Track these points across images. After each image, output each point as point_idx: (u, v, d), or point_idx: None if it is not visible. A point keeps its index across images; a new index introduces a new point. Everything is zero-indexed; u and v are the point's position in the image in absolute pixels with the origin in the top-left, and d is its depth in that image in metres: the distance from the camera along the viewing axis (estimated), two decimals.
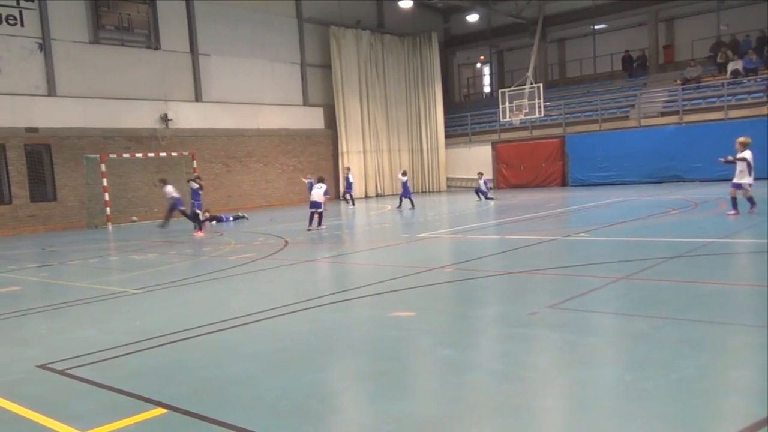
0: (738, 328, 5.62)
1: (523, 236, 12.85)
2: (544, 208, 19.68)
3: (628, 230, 12.85)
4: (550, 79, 36.68)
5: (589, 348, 5.35)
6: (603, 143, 29.35)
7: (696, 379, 4.38)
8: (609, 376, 4.61)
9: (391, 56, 35.27)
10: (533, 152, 32.09)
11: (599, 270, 8.62)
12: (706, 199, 18.55)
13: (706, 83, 29.15)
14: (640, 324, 5.93)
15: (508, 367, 4.97)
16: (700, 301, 6.68)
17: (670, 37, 34.51)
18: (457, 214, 20.51)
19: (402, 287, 8.19)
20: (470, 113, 36.14)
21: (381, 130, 34.75)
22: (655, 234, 12.10)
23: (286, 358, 5.54)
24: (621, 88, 32.65)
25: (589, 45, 37.15)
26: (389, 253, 11.99)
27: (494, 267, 9.69)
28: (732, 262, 8.87)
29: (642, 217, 14.97)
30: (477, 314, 6.85)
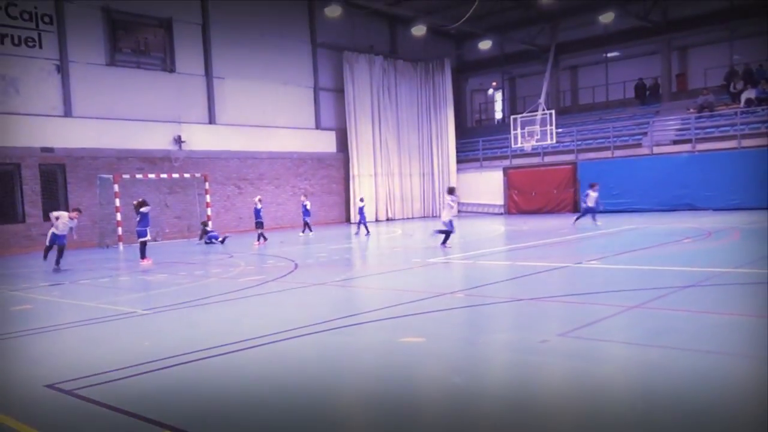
0: (751, 360, 5.54)
1: (533, 263, 12.78)
2: (555, 234, 19.60)
3: (639, 258, 12.76)
4: (562, 106, 36.75)
5: (601, 377, 5.29)
6: (615, 171, 29.27)
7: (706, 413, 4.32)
8: (619, 407, 4.55)
9: (404, 81, 35.51)
10: (544, 178, 32.07)
11: (610, 298, 8.55)
12: (719, 228, 18.41)
13: (719, 112, 29.10)
14: (652, 354, 5.87)
15: (518, 395, 4.92)
16: (712, 331, 6.60)
17: (683, 65, 34.56)
18: (467, 239, 20.45)
19: (412, 312, 8.14)
20: (482, 139, 36.23)
21: (392, 154, 34.87)
22: (667, 263, 12.00)
23: (292, 382, 5.51)
24: (633, 116, 32.64)
25: (601, 72, 37.28)
26: (399, 278, 11.95)
27: (505, 293, 9.63)
28: (746, 293, 8.76)
29: (654, 246, 14.87)
30: (487, 341, 6.79)
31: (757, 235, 16.25)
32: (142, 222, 16.41)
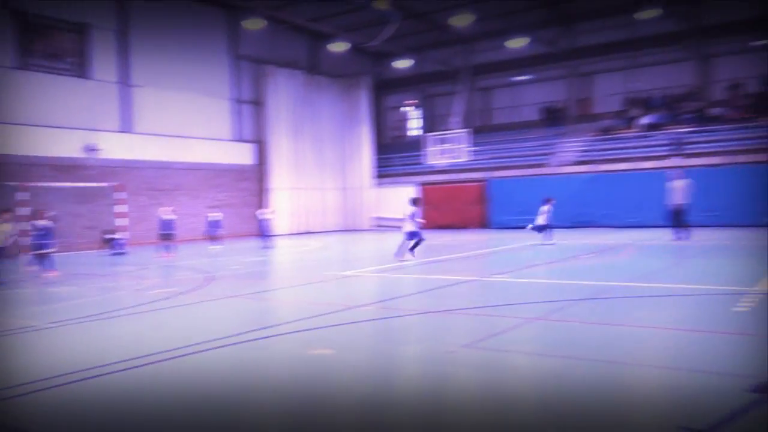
0: (645, 369, 5.87)
1: (444, 276, 13.04)
2: (465, 248, 20.05)
3: (542, 273, 13.24)
4: (475, 125, 37.67)
5: (503, 387, 5.47)
6: (522, 189, 30.21)
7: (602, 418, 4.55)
8: (521, 415, 4.72)
9: (324, 96, 35.59)
10: (457, 195, 32.77)
11: (514, 311, 8.84)
12: (616, 244, 19.31)
13: (618, 135, 30.58)
14: (551, 363, 6.12)
15: (423, 405, 5.03)
16: (606, 342, 6.93)
17: (587, 90, 36.12)
18: (381, 252, 20.63)
19: (323, 325, 8.17)
20: (398, 155, 36.72)
21: (311, 167, 34.81)
22: (567, 277, 12.50)
23: (199, 397, 5.43)
24: (541, 137, 33.84)
25: (512, 94, 38.53)
26: (312, 291, 11.94)
27: (415, 306, 9.80)
28: (636, 305, 9.24)
29: (556, 261, 15.44)
30: (395, 353, 6.90)
31: (649, 252, 17.13)
32: (46, 234, 15.62)
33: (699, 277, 11.67)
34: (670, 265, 13.68)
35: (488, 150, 33.70)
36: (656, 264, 14.04)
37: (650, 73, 33.35)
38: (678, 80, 32.03)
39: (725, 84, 30.53)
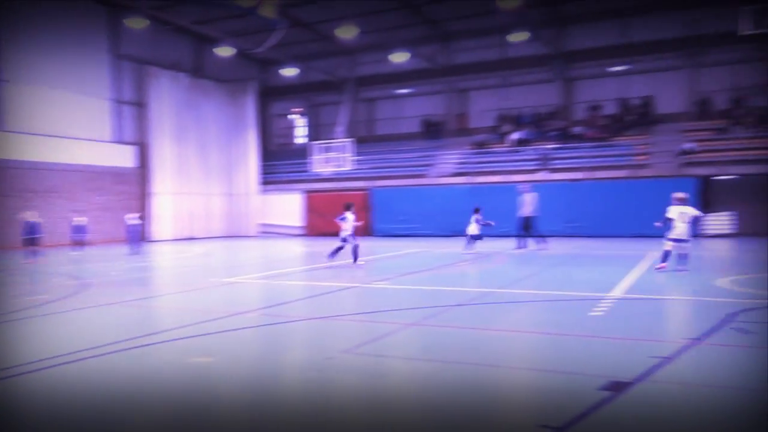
0: (510, 371, 6.18)
1: (327, 283, 13.09)
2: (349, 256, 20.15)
3: (420, 279, 13.58)
4: (359, 135, 38.05)
5: (379, 390, 5.58)
6: (403, 198, 30.87)
7: (473, 418, 4.76)
8: (396, 417, 4.85)
9: (208, 101, 34.74)
10: (341, 203, 32.80)
11: (392, 316, 9.02)
12: (489, 252, 20.11)
13: (492, 149, 31.92)
14: (425, 367, 6.32)
15: (300, 411, 5.05)
16: (477, 345, 7.22)
17: (464, 106, 37.44)
18: (266, 259, 20.42)
19: (203, 332, 7.99)
20: (284, 162, 36.48)
21: (195, 172, 33.85)
22: (443, 283, 12.90)
23: (74, 409, 5.18)
24: (421, 149, 34.71)
25: (395, 106, 39.29)
26: (194, 298, 11.64)
27: (297, 312, 9.78)
28: (506, 310, 9.70)
29: (434, 268, 15.89)
30: (275, 359, 6.87)
31: (518, 259, 17.98)
32: None
33: (562, 284, 12.37)
34: (537, 273, 14.42)
35: (371, 159, 34.17)
36: (525, 271, 14.76)
37: (521, 91, 35.13)
38: (545, 100, 33.90)
39: (586, 105, 32.62)
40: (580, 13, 31.86)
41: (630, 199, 26.44)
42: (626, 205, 26.53)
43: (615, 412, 4.83)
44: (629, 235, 25.86)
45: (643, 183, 26.66)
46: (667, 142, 28.44)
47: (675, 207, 13.73)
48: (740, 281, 11.96)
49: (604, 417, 4.73)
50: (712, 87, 30.55)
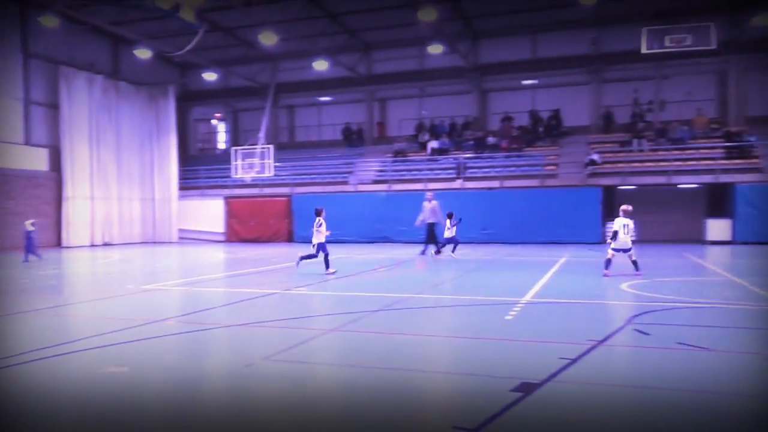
0: (426, 375, 6.28)
1: (247, 289, 12.92)
2: (269, 262, 19.99)
3: (341, 285, 13.60)
4: (280, 142, 37.75)
5: (298, 397, 5.56)
6: (325, 204, 30.57)
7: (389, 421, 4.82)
8: (318, 424, 4.86)
9: (126, 104, 33.58)
10: (262, 209, 32.53)
11: (313, 322, 9.01)
12: (408, 258, 20.35)
13: (411, 158, 32.34)
14: (344, 372, 6.34)
15: (218, 422, 4.98)
16: (397, 350, 7.31)
17: (383, 114, 37.78)
18: (186, 265, 19.93)
19: (119, 341, 7.73)
20: (204, 167, 35.69)
21: (112, 177, 32.61)
22: (363, 289, 12.96)
23: None
24: (342, 156, 34.76)
25: (315, 114, 39.22)
26: (111, 305, 11.22)
27: (217, 320, 9.60)
28: (426, 315, 9.85)
29: (354, 274, 15.94)
30: (192, 368, 6.72)
31: (436, 265, 18.29)
32: None
33: (478, 289, 12.66)
34: (454, 278, 14.70)
35: (293, 166, 33.95)
36: (442, 276, 15.03)
37: (438, 102, 35.83)
38: (462, 110, 34.67)
39: (500, 116, 33.54)
40: (493, 29, 32.80)
41: (541, 207, 27.38)
42: (537, 212, 27.45)
43: (524, 413, 5.00)
44: (541, 241, 26.76)
45: (553, 192, 27.68)
46: (574, 153, 29.62)
47: (620, 219, 14.48)
48: (641, 285, 12.59)
49: (514, 417, 4.89)
50: (615, 102, 32.04)
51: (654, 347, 7.20)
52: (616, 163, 28.18)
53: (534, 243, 26.66)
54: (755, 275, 14.00)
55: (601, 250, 22.66)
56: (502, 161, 29.92)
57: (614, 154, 28.89)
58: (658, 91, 31.23)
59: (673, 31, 24.34)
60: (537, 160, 29.67)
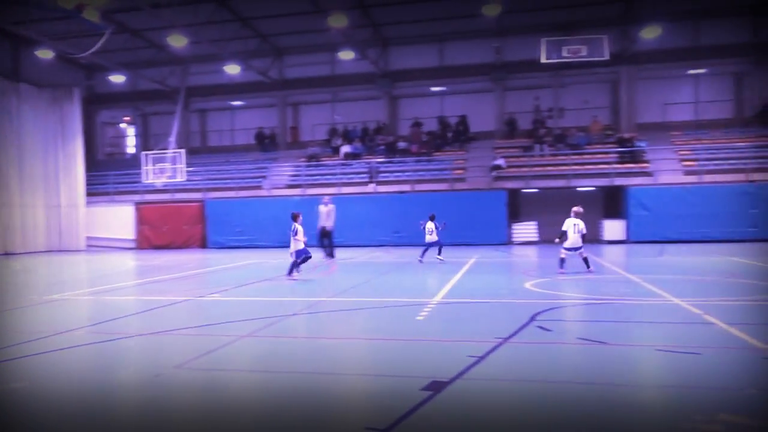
0: (340, 377, 6.28)
1: (159, 297, 12.51)
2: (182, 269, 19.43)
3: (255, 291, 13.40)
4: (192, 146, 36.80)
5: (210, 405, 5.44)
6: (239, 210, 30.21)
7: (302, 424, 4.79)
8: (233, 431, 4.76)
9: (27, 106, 31.71)
10: (175, 214, 31.53)
11: (226, 329, 8.82)
12: (323, 263, 20.27)
13: (324, 162, 32.26)
14: (258, 378, 6.25)
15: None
16: (311, 354, 7.28)
17: (296, 119, 37.53)
18: (94, 273, 19.07)
19: (20, 355, 7.31)
20: (113, 172, 34.25)
21: (13, 183, 30.75)
22: (277, 294, 12.83)
23: None
24: (255, 161, 34.25)
25: (228, 118, 38.49)
26: (12, 317, 10.58)
27: (127, 329, 9.24)
28: (341, 318, 9.84)
29: (268, 279, 15.74)
30: (99, 380, 6.42)
31: (351, 268, 18.34)
32: None
33: (391, 291, 12.78)
34: (367, 281, 14.77)
35: (205, 171, 33.17)
36: (355, 280, 15.05)
37: (350, 107, 35.95)
38: (373, 115, 34.91)
39: (410, 121, 34.00)
40: (402, 36, 33.28)
41: (451, 210, 27.83)
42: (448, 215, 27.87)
43: (434, 410, 5.09)
44: (451, 243, 27.23)
45: (461, 195, 28.30)
46: (481, 158, 30.44)
47: (570, 219, 14.89)
48: (544, 284, 13.08)
49: (424, 416, 4.97)
50: (518, 108, 33.16)
51: (556, 343, 7.49)
52: (519, 167, 29.14)
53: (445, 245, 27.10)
54: (647, 272, 14.82)
55: (507, 251, 23.40)
56: (412, 165, 30.33)
57: (518, 159, 29.88)
58: (557, 99, 32.58)
59: (569, 42, 25.51)
60: (446, 164, 30.26)
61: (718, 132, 30.13)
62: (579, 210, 15.08)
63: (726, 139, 29.20)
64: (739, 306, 9.88)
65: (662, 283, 12.52)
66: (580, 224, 14.92)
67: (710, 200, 25.75)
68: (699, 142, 29.26)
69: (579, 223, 14.92)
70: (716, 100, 32.11)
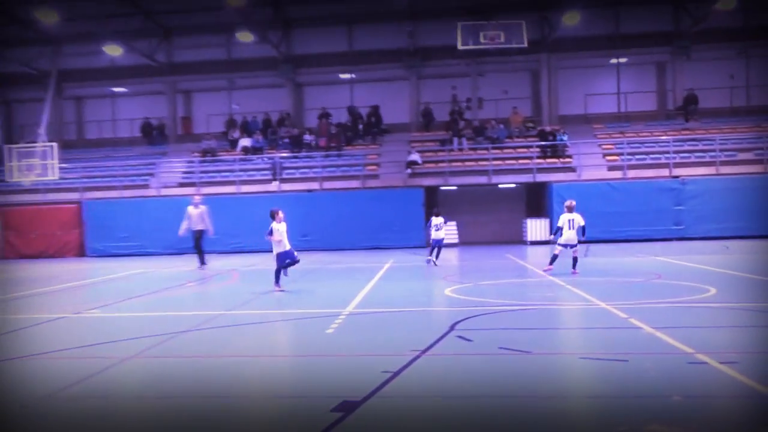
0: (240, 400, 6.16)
1: (28, 315, 11.89)
2: (56, 281, 18.54)
3: (143, 305, 12.98)
4: (66, 139, 35.20)
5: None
6: (123, 212, 29.07)
7: None
8: None
9: None
10: (46, 218, 29.95)
11: (109, 350, 8.48)
12: (222, 271, 19.91)
13: (220, 157, 31.63)
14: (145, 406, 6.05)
15: None
16: (207, 375, 7.09)
17: (188, 109, 36.64)
18: None
19: None
20: None
21: None
22: (170, 308, 12.48)
23: None
24: (141, 156, 33.16)
25: (109, 107, 37.10)
26: None
27: None
28: (242, 334, 9.66)
29: (159, 290, 15.28)
30: None
31: (252, 277, 18.09)
32: None
33: (298, 302, 12.68)
34: (272, 290, 14.61)
35: (83, 168, 31.78)
36: (258, 289, 14.83)
37: (250, 95, 35.46)
38: (275, 105, 34.52)
39: (316, 112, 33.83)
40: (307, 17, 33.17)
41: (363, 211, 28.00)
42: (360, 216, 28.03)
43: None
44: (365, 247, 27.37)
45: (375, 193, 28.45)
46: (395, 152, 30.72)
47: (564, 215, 15.43)
48: (465, 290, 13.35)
49: None
50: (434, 99, 33.69)
51: (477, 354, 7.66)
52: (437, 162, 29.62)
53: (358, 249, 27.23)
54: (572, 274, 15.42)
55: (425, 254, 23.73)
56: (320, 161, 30.23)
57: (435, 154, 30.36)
58: (476, 89, 33.33)
59: (486, 27, 26.20)
60: (357, 159, 30.36)
61: (642, 125, 31.75)
62: (572, 204, 15.74)
63: (649, 132, 30.81)
64: (666, 308, 10.43)
65: (588, 286, 13.06)
66: (576, 218, 15.46)
67: (635, 197, 27.05)
68: (622, 135, 30.70)
69: (575, 218, 15.47)
70: (639, 91, 33.82)
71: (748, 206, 26.02)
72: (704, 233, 26.33)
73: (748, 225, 26.01)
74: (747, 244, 23.71)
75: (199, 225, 20.14)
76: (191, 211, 20.20)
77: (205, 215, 20.21)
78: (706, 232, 26.39)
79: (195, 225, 20.14)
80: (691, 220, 26.58)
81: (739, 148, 28.61)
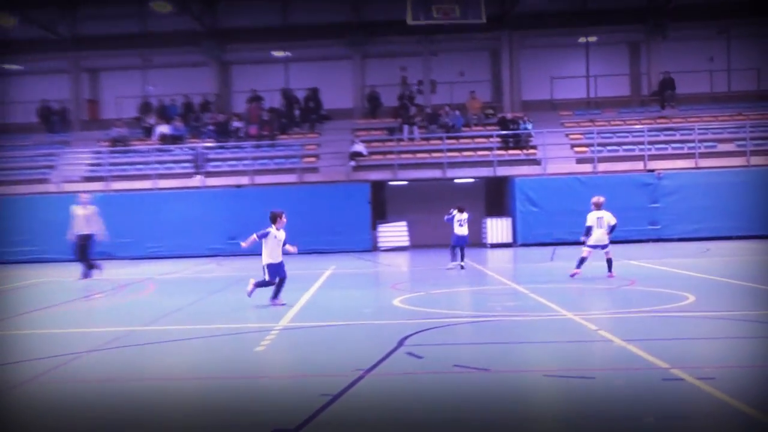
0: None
1: None
2: None
3: (42, 320, 12.72)
4: None
5: None
6: (17, 211, 28.32)
7: None
8: None
9: None
10: None
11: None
12: (136, 279, 19.59)
13: (133, 147, 31.10)
14: None
15: None
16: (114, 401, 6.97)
17: (95, 91, 35.96)
18: None
19: None
20: None
21: None
22: (72, 324, 12.27)
23: None
24: (39, 145, 32.40)
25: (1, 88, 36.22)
26: None
27: None
28: (162, 352, 9.52)
29: (59, 303, 14.99)
30: None
31: (172, 287, 17.87)
32: None
33: (224, 315, 12.54)
34: (194, 302, 14.45)
35: None
36: (178, 301, 14.66)
37: (168, 75, 35.13)
38: (198, 87, 34.20)
39: (246, 95, 33.55)
40: None
41: (301, 209, 27.75)
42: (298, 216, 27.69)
43: None
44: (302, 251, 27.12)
45: (314, 189, 28.38)
46: (338, 142, 30.75)
47: (592, 213, 15.69)
48: (415, 300, 13.42)
49: None
50: (381, 81, 33.82)
51: (429, 372, 7.71)
52: (385, 153, 29.71)
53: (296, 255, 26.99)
54: (536, 281, 15.65)
55: (372, 259, 23.79)
56: (251, 152, 30.01)
57: (382, 144, 30.46)
58: (428, 71, 33.57)
59: (440, 0, 26.30)
60: (294, 150, 30.26)
61: (613, 113, 32.42)
62: (599, 200, 15.97)
63: (621, 120, 31.52)
64: (639, 318, 10.69)
65: (553, 294, 13.28)
66: (606, 216, 15.78)
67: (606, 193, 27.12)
68: (592, 124, 31.34)
69: (605, 216, 15.78)
70: (610, 74, 34.58)
71: (730, 204, 26.74)
72: (682, 234, 27.01)
73: (729, 224, 26.75)
74: (729, 245, 24.43)
75: (85, 228, 19.38)
76: (77, 212, 19.48)
77: (95, 217, 19.55)
78: (685, 232, 27.07)
79: (80, 228, 19.33)
80: (668, 220, 27.20)
81: (720, 138, 29.46)
